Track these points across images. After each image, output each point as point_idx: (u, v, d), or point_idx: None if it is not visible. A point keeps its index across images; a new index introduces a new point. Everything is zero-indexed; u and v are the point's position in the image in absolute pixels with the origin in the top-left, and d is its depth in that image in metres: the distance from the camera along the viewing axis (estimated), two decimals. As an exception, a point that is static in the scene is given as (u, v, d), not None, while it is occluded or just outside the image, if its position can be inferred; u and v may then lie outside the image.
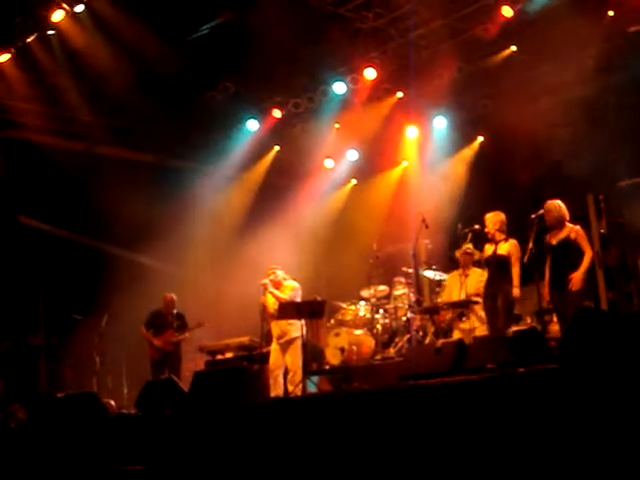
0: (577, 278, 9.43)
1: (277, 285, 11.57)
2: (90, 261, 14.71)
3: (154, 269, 15.37)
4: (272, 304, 11.50)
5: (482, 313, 10.81)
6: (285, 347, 11.45)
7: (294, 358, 11.37)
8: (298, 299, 11.61)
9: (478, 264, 11.38)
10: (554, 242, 9.74)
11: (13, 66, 12.85)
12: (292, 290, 11.57)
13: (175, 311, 13.38)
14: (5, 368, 13.08)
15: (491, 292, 10.23)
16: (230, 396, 8.29)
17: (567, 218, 9.80)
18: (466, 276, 10.97)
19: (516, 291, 10.05)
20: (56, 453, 9.05)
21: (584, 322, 6.63)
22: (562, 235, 9.70)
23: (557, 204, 9.83)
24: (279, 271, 11.71)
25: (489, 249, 10.42)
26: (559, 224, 9.73)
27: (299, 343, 11.43)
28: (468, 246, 11.24)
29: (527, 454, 5.86)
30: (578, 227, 9.78)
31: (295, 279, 11.89)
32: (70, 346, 14.29)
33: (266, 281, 11.50)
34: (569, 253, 9.60)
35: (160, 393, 9.29)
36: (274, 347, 11.59)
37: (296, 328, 11.44)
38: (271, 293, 11.47)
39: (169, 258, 15.63)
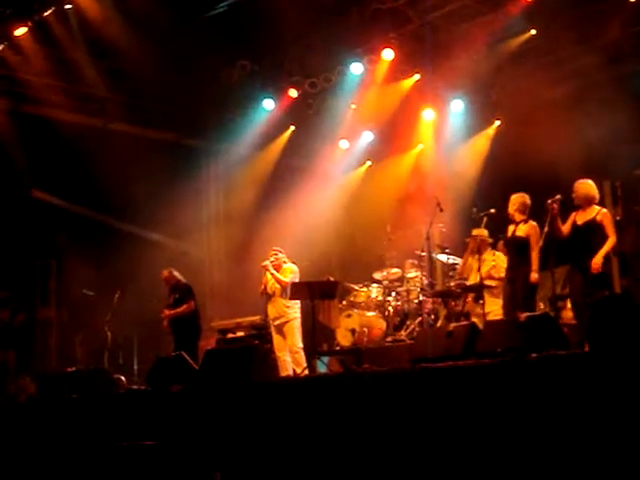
0: (596, 262, 9.23)
1: (277, 267, 11.62)
2: (103, 237, 14.74)
3: (167, 246, 15.40)
4: (271, 285, 11.56)
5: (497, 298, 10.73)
6: (280, 328, 11.47)
7: (292, 339, 11.39)
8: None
9: (494, 247, 11.33)
10: (580, 222, 9.54)
11: (30, 40, 12.83)
12: (292, 273, 11.59)
13: (176, 283, 12.96)
14: (17, 340, 13.11)
15: (511, 276, 10.01)
16: (240, 374, 8.30)
17: (597, 199, 9.63)
18: (482, 260, 10.85)
19: (534, 276, 9.73)
20: (65, 427, 9.10)
21: (607, 309, 6.59)
22: (588, 216, 9.49)
23: (588, 183, 9.64)
24: (281, 254, 11.77)
25: (509, 230, 10.23)
26: (587, 204, 9.54)
27: (296, 324, 11.46)
28: (478, 232, 11.06)
29: (537, 439, 5.84)
30: (606, 210, 9.62)
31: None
32: (81, 321, 14.34)
33: (267, 262, 11.58)
34: (593, 235, 9.39)
35: (170, 369, 9.31)
36: (272, 329, 11.66)
37: (294, 310, 11.48)
38: (272, 275, 11.53)
39: (182, 236, 15.65)
